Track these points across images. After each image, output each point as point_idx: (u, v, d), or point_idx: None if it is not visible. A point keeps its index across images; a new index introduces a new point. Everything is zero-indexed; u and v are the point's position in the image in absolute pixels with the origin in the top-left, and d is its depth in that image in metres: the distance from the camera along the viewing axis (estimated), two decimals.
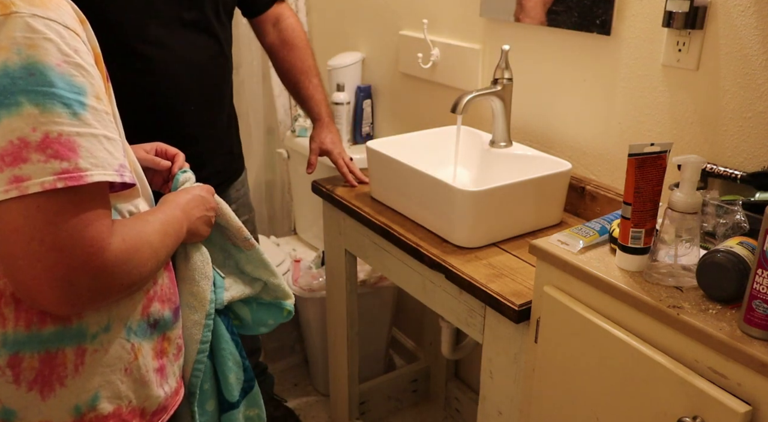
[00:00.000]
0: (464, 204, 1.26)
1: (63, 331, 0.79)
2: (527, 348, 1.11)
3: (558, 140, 1.52)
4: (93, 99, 0.71)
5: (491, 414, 1.26)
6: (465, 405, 2.05)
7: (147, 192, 0.93)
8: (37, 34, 0.67)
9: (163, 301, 0.92)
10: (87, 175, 0.69)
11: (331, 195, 1.59)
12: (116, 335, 0.83)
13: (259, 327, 1.15)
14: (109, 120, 0.74)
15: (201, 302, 1.00)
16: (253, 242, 1.09)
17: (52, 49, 0.68)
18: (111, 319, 0.83)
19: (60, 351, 0.79)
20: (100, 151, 0.71)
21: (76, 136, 0.69)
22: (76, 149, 0.68)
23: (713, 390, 0.81)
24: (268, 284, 1.12)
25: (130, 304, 0.85)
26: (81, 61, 0.71)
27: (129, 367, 0.85)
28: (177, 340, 0.96)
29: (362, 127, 2.17)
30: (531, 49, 1.53)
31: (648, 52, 1.28)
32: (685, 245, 0.90)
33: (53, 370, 0.79)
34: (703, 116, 1.21)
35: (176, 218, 0.91)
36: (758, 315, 0.78)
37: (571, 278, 0.99)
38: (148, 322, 0.88)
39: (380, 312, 2.10)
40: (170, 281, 0.95)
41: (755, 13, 1.10)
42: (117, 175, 0.72)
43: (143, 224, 0.81)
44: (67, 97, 0.68)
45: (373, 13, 2.08)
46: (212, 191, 1.05)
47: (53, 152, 0.67)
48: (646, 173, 0.90)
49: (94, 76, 0.73)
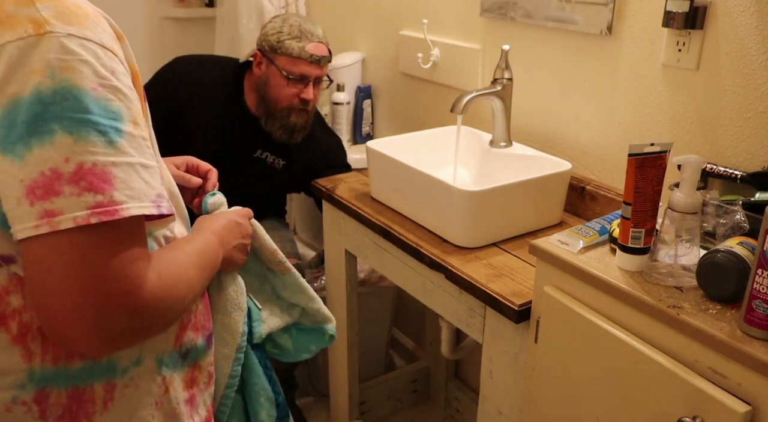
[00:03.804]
0: (464, 204, 1.26)
1: (92, 367, 0.74)
2: (527, 348, 1.11)
3: (558, 140, 1.52)
4: (130, 125, 0.67)
5: (491, 414, 1.26)
6: (465, 405, 2.05)
7: (182, 212, 0.88)
8: (73, 56, 0.63)
9: (197, 329, 0.87)
10: (122, 208, 0.64)
11: (331, 195, 1.59)
12: (148, 368, 0.79)
13: (302, 353, 1.11)
14: (146, 146, 0.69)
15: (232, 335, 0.96)
16: (289, 265, 1.04)
17: (88, 72, 0.64)
18: (143, 353, 0.78)
19: (89, 386, 0.74)
20: (137, 181, 0.66)
21: (111, 166, 0.64)
22: (111, 181, 0.64)
23: (713, 390, 0.81)
24: (306, 310, 1.08)
25: (163, 336, 0.80)
26: (118, 83, 0.66)
27: (160, 401, 0.81)
28: (208, 368, 0.91)
29: (362, 127, 2.17)
30: (531, 49, 1.53)
31: (648, 52, 1.28)
32: (685, 245, 0.90)
33: (81, 407, 0.74)
34: (703, 115, 1.21)
35: (212, 247, 0.86)
36: (758, 315, 0.78)
37: (571, 278, 0.99)
38: (180, 352, 0.84)
39: (380, 312, 2.10)
40: (204, 308, 0.90)
41: (755, 13, 1.10)
42: (154, 207, 0.67)
43: (180, 257, 0.76)
44: (103, 124, 0.64)
45: (373, 13, 2.08)
46: (249, 214, 1.01)
47: (87, 184, 0.62)
48: (646, 173, 0.90)
49: (131, 100, 0.68)
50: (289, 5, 2.31)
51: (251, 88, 1.75)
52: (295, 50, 1.64)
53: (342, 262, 1.66)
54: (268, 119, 1.72)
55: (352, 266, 1.67)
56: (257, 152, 1.79)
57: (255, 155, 1.79)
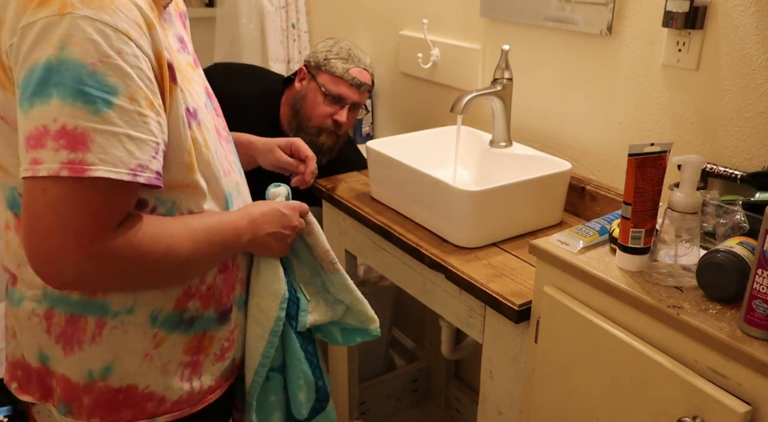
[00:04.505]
0: (464, 204, 1.26)
1: (87, 302, 0.86)
2: (527, 348, 1.11)
3: (558, 140, 1.52)
4: (125, 100, 0.74)
5: (491, 414, 1.26)
6: (465, 405, 2.05)
7: (220, 195, 0.93)
8: (82, 34, 0.72)
9: (208, 300, 0.94)
10: (91, 168, 0.72)
11: (331, 195, 1.59)
12: (139, 320, 0.88)
13: (349, 342, 1.17)
14: (142, 121, 0.76)
15: (267, 318, 1.00)
16: (338, 266, 1.09)
17: (91, 49, 0.72)
18: (137, 304, 0.88)
19: (83, 318, 0.87)
20: (117, 149, 0.74)
21: (92, 131, 0.72)
22: (88, 144, 0.72)
23: (713, 390, 0.81)
24: (351, 308, 1.12)
25: (161, 295, 0.89)
26: (121, 62, 0.74)
27: (150, 353, 0.90)
28: (222, 342, 0.98)
29: (362, 127, 2.17)
30: (531, 49, 1.53)
31: (648, 52, 1.28)
32: (685, 245, 0.90)
33: (74, 333, 0.87)
34: (703, 115, 1.21)
35: (234, 227, 0.92)
36: (758, 315, 0.78)
37: (571, 278, 0.99)
38: (182, 317, 0.91)
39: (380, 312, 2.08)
40: (224, 284, 0.96)
41: (755, 13, 1.10)
42: (129, 174, 0.74)
43: (176, 228, 0.84)
44: (93, 94, 0.72)
45: (373, 13, 2.08)
46: (302, 210, 1.05)
47: (66, 142, 0.72)
48: (646, 173, 0.90)
49: (135, 79, 0.75)
50: (289, 5, 2.31)
51: (288, 102, 1.74)
52: (339, 70, 1.65)
53: (342, 262, 1.65)
54: (297, 132, 1.70)
55: (352, 266, 1.67)
56: None
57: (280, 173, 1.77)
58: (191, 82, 0.91)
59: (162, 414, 0.93)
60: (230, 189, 0.96)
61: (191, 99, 0.88)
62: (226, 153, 0.98)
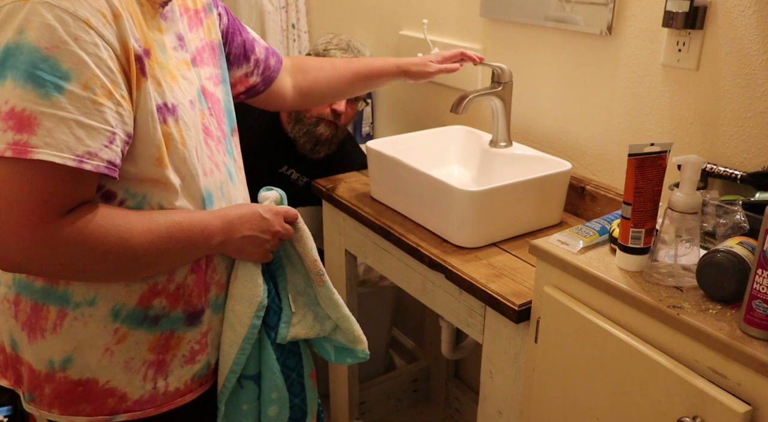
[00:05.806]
0: (464, 204, 1.26)
1: (49, 290, 0.87)
2: (527, 348, 1.11)
3: (558, 140, 1.52)
4: (77, 86, 0.74)
5: (491, 414, 1.26)
6: (465, 405, 2.05)
7: (196, 193, 0.91)
8: (40, 19, 0.73)
9: (176, 300, 0.92)
10: (33, 151, 0.72)
11: (331, 195, 1.59)
12: (101, 313, 0.88)
13: (340, 362, 1.14)
14: (96, 109, 0.76)
15: (241, 324, 0.97)
16: (326, 279, 1.05)
17: (46, 34, 0.73)
18: (98, 296, 0.87)
19: (45, 306, 0.87)
20: (64, 134, 0.74)
21: (39, 114, 0.73)
22: (34, 127, 0.73)
23: (713, 390, 0.81)
24: (339, 326, 1.08)
25: (123, 290, 0.88)
26: (77, 49, 0.74)
27: (111, 348, 0.89)
28: (192, 344, 0.96)
29: (362, 127, 2.17)
30: (531, 49, 1.53)
31: (648, 52, 1.28)
32: (685, 245, 0.90)
33: (38, 321, 0.88)
34: (703, 115, 1.21)
35: (204, 226, 0.90)
36: (758, 315, 0.78)
37: (571, 278, 0.99)
38: (146, 314, 0.90)
39: (380, 312, 2.10)
40: (195, 285, 0.94)
41: (755, 13, 1.10)
42: (74, 160, 0.74)
43: (135, 222, 0.82)
44: (44, 78, 0.73)
45: (373, 13, 2.08)
46: (289, 216, 1.02)
47: (13, 124, 0.72)
48: (646, 173, 0.90)
49: (91, 66, 0.75)
50: (289, 5, 2.31)
51: None
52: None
53: (342, 262, 1.66)
54: (296, 124, 1.70)
55: (352, 266, 1.67)
56: (283, 168, 1.78)
57: (280, 171, 1.78)
58: (177, 79, 0.89)
59: (123, 412, 0.92)
60: (211, 189, 0.94)
61: (171, 94, 0.86)
62: (212, 153, 0.96)
